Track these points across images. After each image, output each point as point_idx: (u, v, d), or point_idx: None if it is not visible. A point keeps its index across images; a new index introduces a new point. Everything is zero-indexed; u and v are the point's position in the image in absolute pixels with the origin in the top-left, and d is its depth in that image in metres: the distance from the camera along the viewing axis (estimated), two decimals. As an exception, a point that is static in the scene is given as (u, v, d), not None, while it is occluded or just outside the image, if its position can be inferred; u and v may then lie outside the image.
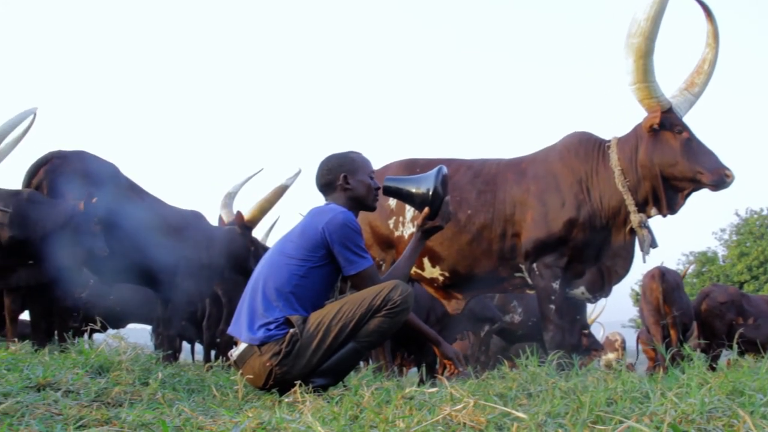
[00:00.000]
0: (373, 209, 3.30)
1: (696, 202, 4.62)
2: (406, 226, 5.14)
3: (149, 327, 9.30)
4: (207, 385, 2.94)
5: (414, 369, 8.99)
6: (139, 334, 10.24)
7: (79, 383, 2.38)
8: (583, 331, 8.53)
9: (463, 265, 4.93)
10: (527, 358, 3.18)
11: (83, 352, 3.08)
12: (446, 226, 3.27)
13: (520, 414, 1.71)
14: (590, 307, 10.57)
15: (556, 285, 4.65)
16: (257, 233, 7.81)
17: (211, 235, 6.70)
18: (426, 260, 5.05)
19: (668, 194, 4.48)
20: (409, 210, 5.13)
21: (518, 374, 3.02)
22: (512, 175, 4.90)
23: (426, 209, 3.12)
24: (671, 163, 4.37)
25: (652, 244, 4.54)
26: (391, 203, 5.18)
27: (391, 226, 5.21)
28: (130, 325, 10.02)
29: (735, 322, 8.31)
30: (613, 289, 4.92)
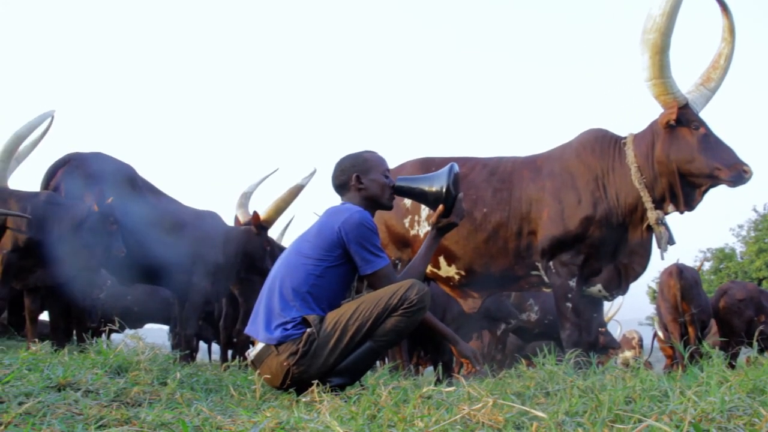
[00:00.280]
0: (389, 208, 3.29)
1: (713, 198, 4.58)
2: (422, 224, 5.14)
3: (166, 327, 9.36)
4: (224, 385, 2.96)
5: (430, 368, 8.98)
6: (156, 334, 10.29)
7: (99, 383, 2.40)
8: (599, 329, 8.48)
9: (479, 263, 4.92)
10: (544, 357, 3.17)
11: (102, 353, 3.10)
12: (461, 224, 3.27)
13: (539, 413, 1.70)
14: (607, 304, 10.52)
15: (572, 283, 4.63)
16: (273, 233, 7.83)
17: (227, 235, 6.73)
18: (442, 259, 5.04)
19: (685, 191, 4.45)
20: (424, 209, 5.13)
21: (535, 373, 3.01)
22: (528, 173, 4.88)
23: (440, 207, 3.12)
24: (688, 159, 4.33)
25: (670, 241, 4.51)
26: (407, 202, 5.18)
27: (406, 225, 5.21)
28: (147, 325, 10.10)
29: (755, 319, 8.23)
30: (630, 287, 4.89)
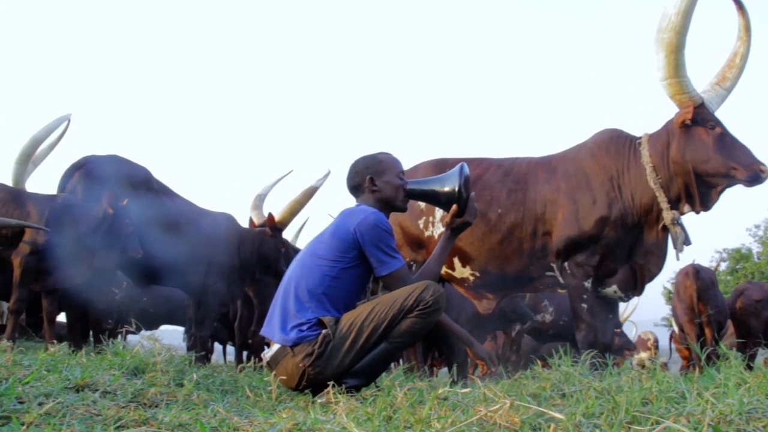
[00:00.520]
0: (403, 210, 3.30)
1: (730, 198, 4.55)
2: (436, 226, 5.14)
3: (181, 328, 9.42)
4: (240, 386, 2.97)
5: (444, 369, 8.98)
6: (171, 335, 10.35)
7: (116, 384, 2.42)
8: (614, 330, 8.44)
9: (493, 264, 4.90)
10: (560, 358, 3.16)
11: (119, 354, 3.13)
12: (476, 225, 3.27)
13: (557, 414, 1.69)
14: (622, 305, 10.46)
15: (587, 284, 4.61)
16: (287, 234, 7.85)
17: (242, 237, 6.75)
18: (456, 260, 5.04)
19: (701, 191, 4.41)
20: (439, 210, 5.13)
21: (551, 374, 3.00)
22: (543, 174, 4.87)
23: (454, 206, 3.12)
24: (704, 159, 4.30)
25: (686, 241, 4.47)
26: (421, 204, 5.18)
27: (421, 226, 5.21)
28: (163, 327, 10.15)
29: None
30: (645, 287, 4.86)
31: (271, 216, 6.96)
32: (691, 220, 5.05)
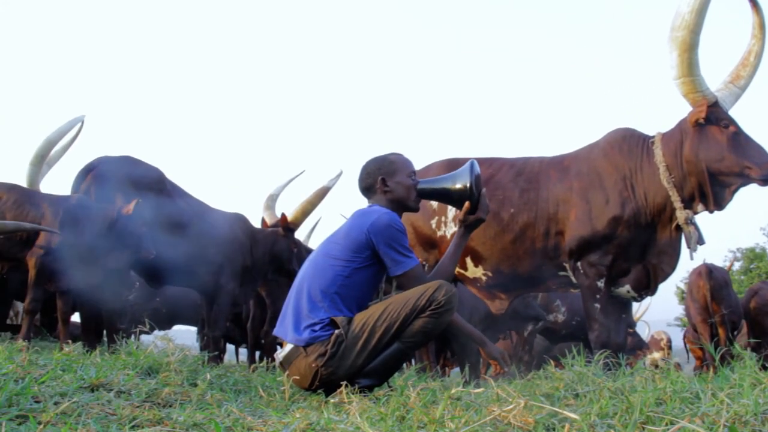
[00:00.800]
0: (415, 210, 3.30)
1: (743, 197, 4.51)
2: (449, 225, 5.13)
3: (194, 328, 9.45)
4: (253, 386, 2.98)
5: (456, 369, 8.97)
6: (184, 335, 10.39)
7: (131, 384, 2.44)
8: (627, 330, 8.41)
9: (506, 264, 4.89)
10: (573, 358, 3.15)
11: (133, 354, 3.15)
12: (488, 224, 3.26)
13: (571, 414, 1.69)
14: (635, 305, 10.41)
15: (600, 283, 4.59)
16: (299, 235, 7.87)
17: (254, 238, 6.77)
18: (469, 260, 5.03)
19: (715, 190, 4.38)
20: (450, 210, 5.12)
21: (564, 374, 2.99)
22: (555, 173, 4.85)
23: (466, 203, 3.12)
24: (718, 158, 4.27)
25: (699, 240, 4.45)
26: (433, 203, 5.17)
27: (433, 226, 5.21)
28: (176, 327, 10.20)
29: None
30: (659, 287, 4.83)
31: (283, 216, 6.98)
32: (704, 219, 5.03)
